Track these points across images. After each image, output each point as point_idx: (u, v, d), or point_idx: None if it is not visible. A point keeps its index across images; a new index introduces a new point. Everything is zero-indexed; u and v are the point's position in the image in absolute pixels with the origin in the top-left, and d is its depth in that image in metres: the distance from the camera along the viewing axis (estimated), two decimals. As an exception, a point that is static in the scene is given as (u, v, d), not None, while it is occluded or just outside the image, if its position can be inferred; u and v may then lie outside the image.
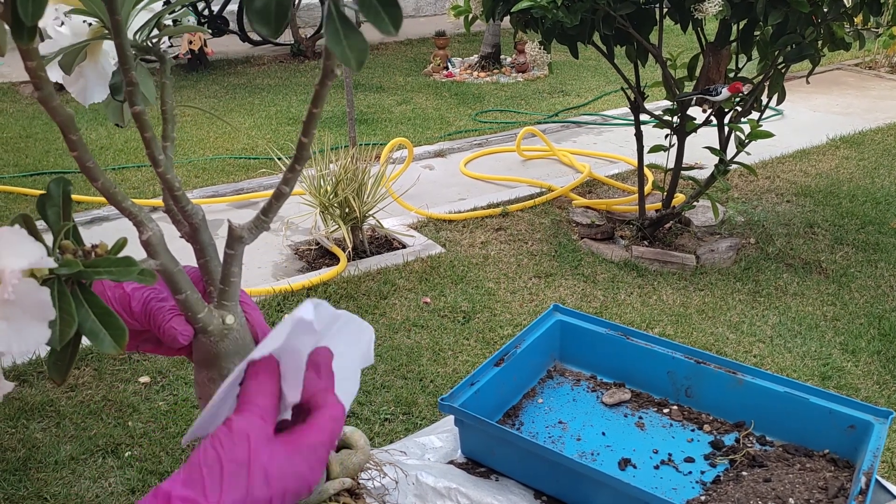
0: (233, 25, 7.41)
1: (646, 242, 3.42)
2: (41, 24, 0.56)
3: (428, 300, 3.05)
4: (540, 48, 3.02)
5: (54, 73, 0.62)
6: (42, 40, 0.61)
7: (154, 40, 0.62)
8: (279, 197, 0.62)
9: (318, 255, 3.45)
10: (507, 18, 3.07)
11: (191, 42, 6.40)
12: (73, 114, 0.51)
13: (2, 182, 4.23)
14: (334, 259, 3.37)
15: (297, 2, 7.43)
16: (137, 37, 0.62)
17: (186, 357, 0.69)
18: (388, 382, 2.56)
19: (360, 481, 0.80)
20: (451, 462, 1.08)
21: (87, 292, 0.50)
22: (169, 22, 0.64)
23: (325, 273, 3.20)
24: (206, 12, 7.16)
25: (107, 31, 0.61)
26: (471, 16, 3.13)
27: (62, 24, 0.61)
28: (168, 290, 0.65)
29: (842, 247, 3.51)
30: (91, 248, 0.50)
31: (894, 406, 2.44)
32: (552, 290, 3.14)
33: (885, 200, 3.99)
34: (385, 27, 0.43)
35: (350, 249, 3.31)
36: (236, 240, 0.65)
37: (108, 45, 0.65)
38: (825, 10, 2.78)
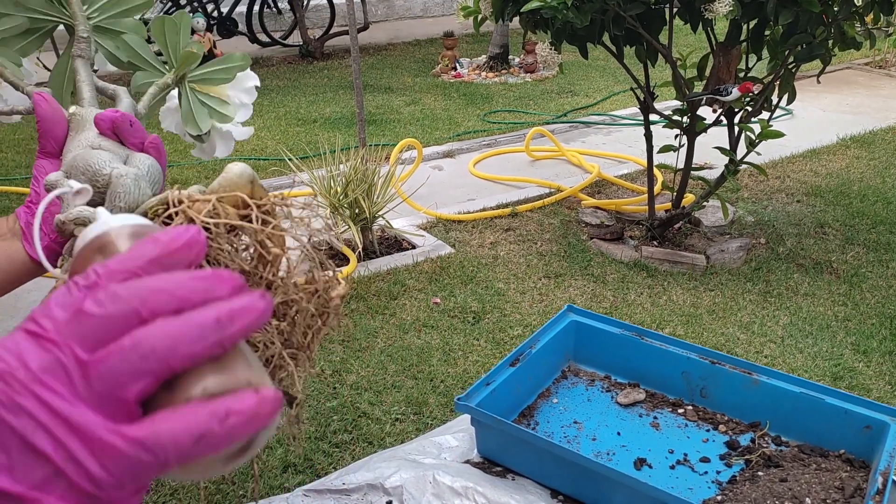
0: (242, 27, 7.45)
1: (655, 243, 3.41)
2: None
3: (438, 300, 3.06)
4: (550, 49, 3.02)
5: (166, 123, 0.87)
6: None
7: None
8: None
9: (327, 256, 3.44)
10: (515, 19, 3.07)
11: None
12: None
13: (13, 183, 4.26)
14: (344, 260, 3.38)
15: (305, 3, 7.45)
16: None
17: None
18: (399, 382, 2.57)
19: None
20: (467, 461, 1.08)
21: None
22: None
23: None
24: (215, 14, 7.20)
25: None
26: (480, 17, 3.13)
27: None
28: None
29: (853, 247, 3.50)
30: None
31: (907, 406, 2.43)
32: (562, 291, 3.14)
33: (896, 200, 3.98)
34: None
35: (360, 250, 3.32)
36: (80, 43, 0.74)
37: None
38: (836, 9, 2.78)
